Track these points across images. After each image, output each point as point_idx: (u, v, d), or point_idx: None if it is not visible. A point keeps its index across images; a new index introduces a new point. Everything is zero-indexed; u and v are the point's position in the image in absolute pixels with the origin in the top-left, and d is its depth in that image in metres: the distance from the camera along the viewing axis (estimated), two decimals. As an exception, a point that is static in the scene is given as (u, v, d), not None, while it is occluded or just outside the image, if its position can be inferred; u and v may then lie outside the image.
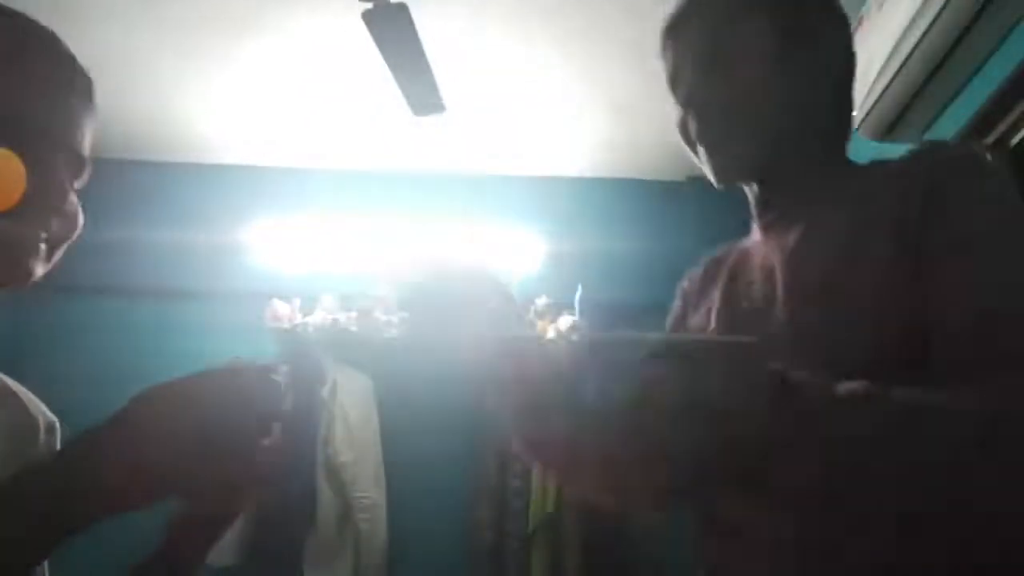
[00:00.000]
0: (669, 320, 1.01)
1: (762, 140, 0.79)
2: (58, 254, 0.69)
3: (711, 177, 0.84)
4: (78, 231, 0.69)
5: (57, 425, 0.78)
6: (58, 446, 0.77)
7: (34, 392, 0.79)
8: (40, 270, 0.66)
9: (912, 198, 0.68)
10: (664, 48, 0.88)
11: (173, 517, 0.65)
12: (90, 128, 0.71)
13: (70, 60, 0.70)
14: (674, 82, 0.86)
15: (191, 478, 0.53)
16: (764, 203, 0.85)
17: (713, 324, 0.85)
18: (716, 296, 0.88)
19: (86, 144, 0.71)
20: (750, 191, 0.87)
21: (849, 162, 0.84)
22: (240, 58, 2.74)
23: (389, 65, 2.28)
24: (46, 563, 0.74)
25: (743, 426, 0.47)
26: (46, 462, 0.55)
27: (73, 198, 0.68)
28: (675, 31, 0.86)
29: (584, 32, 2.60)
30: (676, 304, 1.01)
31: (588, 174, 3.52)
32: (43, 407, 0.78)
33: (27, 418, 0.74)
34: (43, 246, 0.66)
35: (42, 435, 0.75)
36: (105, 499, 0.51)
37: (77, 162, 0.70)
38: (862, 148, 2.14)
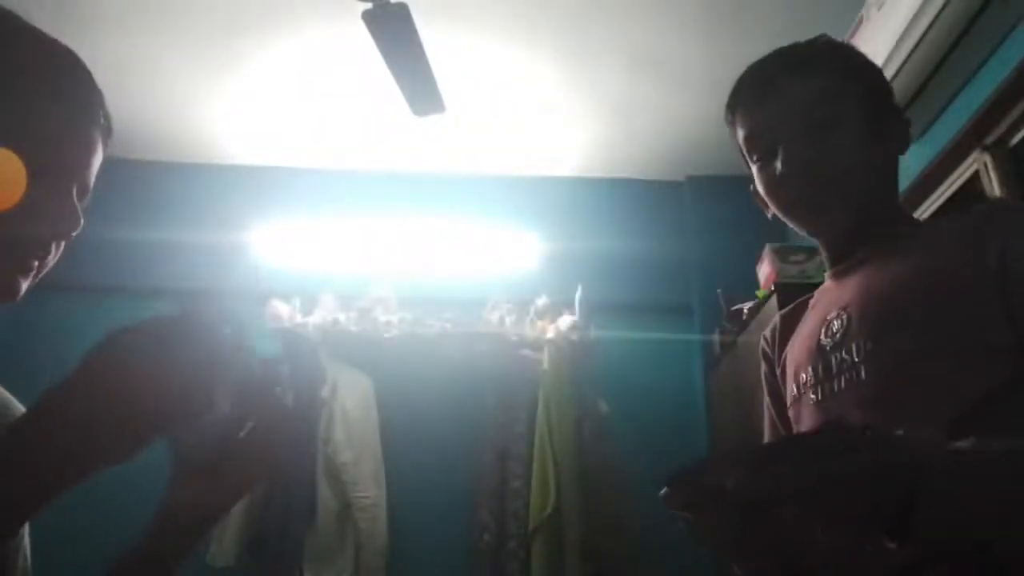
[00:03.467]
0: (763, 382, 1.08)
1: (857, 202, 0.87)
2: (40, 276, 0.70)
3: (804, 231, 0.92)
4: (59, 255, 0.71)
5: None
6: None
7: (34, 392, 0.79)
8: (25, 288, 0.68)
9: (986, 246, 0.76)
10: (754, 101, 0.91)
11: (159, 509, 0.64)
12: (100, 160, 0.72)
13: (100, 97, 0.71)
14: (763, 137, 0.90)
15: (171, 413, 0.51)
16: (840, 254, 0.93)
17: (800, 361, 0.93)
18: (797, 341, 0.96)
19: (95, 175, 0.72)
20: (824, 242, 0.95)
21: (907, 219, 0.93)
22: (241, 60, 2.74)
23: (389, 65, 2.28)
24: (28, 553, 0.74)
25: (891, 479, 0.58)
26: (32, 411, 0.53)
27: (79, 227, 0.69)
28: (771, 87, 0.89)
29: (583, 33, 2.60)
30: (763, 366, 1.08)
31: (588, 174, 3.52)
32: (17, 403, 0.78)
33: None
34: (36, 266, 0.67)
35: None
36: (97, 440, 0.50)
37: (85, 192, 0.71)
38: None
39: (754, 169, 0.93)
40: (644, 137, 3.22)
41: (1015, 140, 2.01)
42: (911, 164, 2.20)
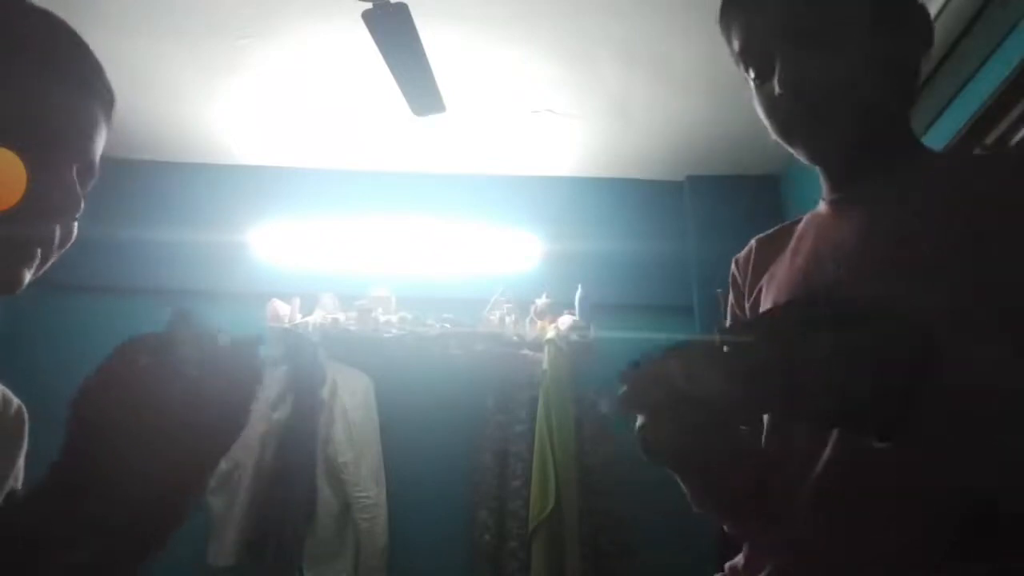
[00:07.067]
0: (727, 308, 0.97)
1: (861, 119, 0.77)
2: (49, 264, 0.66)
3: (804, 158, 0.82)
4: (72, 241, 0.67)
5: (24, 410, 0.76)
6: (26, 428, 0.74)
7: (34, 391, 0.79)
8: (29, 278, 0.64)
9: (994, 194, 0.69)
10: (745, 9, 0.82)
11: None
12: (104, 136, 0.69)
13: (97, 69, 0.68)
14: (757, 52, 0.80)
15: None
16: (840, 179, 0.84)
17: (782, 299, 0.82)
18: (780, 272, 0.86)
19: (98, 152, 0.69)
20: (825, 169, 0.85)
21: (916, 142, 0.83)
22: (241, 60, 2.74)
23: (389, 65, 2.28)
24: None
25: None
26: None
27: (80, 207, 0.66)
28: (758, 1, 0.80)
29: (583, 33, 2.60)
30: (730, 296, 0.97)
31: (588, 174, 3.52)
32: (9, 393, 0.77)
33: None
34: (39, 253, 0.64)
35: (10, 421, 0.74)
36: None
37: (89, 171, 0.68)
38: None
39: (752, 87, 0.83)
40: (644, 137, 3.22)
41: (1015, 140, 2.01)
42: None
